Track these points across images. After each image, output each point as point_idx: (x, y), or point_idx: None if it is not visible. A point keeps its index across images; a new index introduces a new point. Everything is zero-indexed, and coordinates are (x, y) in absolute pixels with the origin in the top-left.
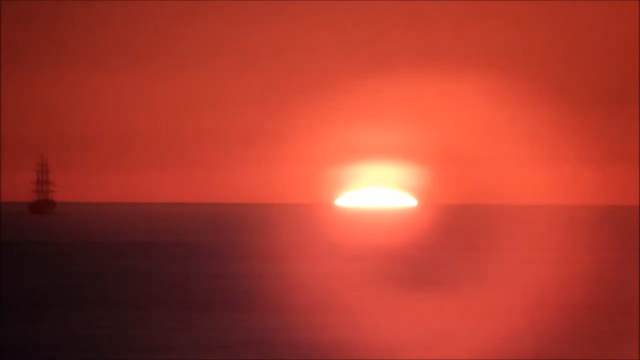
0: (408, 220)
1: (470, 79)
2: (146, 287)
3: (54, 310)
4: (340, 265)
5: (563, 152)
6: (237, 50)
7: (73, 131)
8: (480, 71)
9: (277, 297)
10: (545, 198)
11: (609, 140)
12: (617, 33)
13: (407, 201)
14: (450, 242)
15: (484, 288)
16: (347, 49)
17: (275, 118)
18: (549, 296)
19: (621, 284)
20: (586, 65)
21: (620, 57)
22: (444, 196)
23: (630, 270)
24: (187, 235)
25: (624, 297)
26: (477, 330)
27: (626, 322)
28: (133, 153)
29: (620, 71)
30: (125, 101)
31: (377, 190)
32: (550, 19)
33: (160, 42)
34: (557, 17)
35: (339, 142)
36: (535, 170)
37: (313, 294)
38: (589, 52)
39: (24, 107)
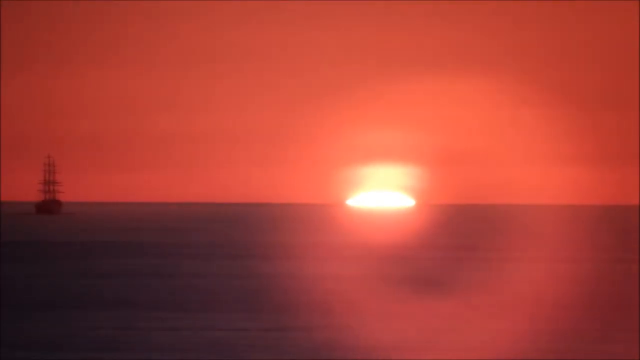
0: (413, 220)
1: (470, 79)
2: (152, 287)
3: (59, 310)
4: (348, 266)
5: (563, 152)
6: (248, 51)
7: (80, 130)
8: (480, 71)
9: (283, 297)
10: (545, 198)
11: (609, 140)
12: (617, 33)
13: (411, 201)
14: (452, 243)
15: (485, 288)
16: (354, 51)
17: (286, 120)
18: (549, 296)
19: (621, 283)
20: (586, 65)
21: (620, 57)
22: (445, 196)
23: (630, 270)
24: (196, 235)
25: (624, 297)
26: (478, 330)
27: (626, 322)
28: (140, 152)
29: (620, 71)
30: (132, 100)
31: (385, 191)
32: (551, 19)
33: (167, 41)
34: (558, 17)
35: (351, 143)
36: (536, 170)
37: (318, 293)
38: (589, 52)
39: (29, 106)
